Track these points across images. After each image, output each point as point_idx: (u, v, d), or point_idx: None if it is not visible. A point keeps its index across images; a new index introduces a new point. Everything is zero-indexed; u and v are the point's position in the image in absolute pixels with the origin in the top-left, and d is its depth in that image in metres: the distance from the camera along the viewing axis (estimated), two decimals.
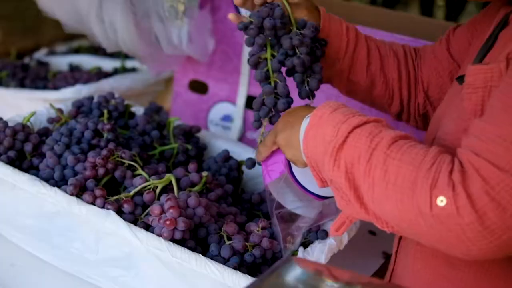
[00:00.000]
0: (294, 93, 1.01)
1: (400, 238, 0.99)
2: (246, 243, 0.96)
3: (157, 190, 1.02)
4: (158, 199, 1.01)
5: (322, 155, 0.83)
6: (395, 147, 0.77)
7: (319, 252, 0.99)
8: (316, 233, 1.03)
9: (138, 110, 1.36)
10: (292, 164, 0.96)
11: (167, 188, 1.04)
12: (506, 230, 0.69)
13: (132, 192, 1.01)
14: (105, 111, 1.21)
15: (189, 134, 1.30)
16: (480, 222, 0.69)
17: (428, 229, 0.73)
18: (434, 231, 0.72)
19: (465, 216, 0.69)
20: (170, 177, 1.03)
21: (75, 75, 1.76)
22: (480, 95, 0.79)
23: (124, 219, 0.96)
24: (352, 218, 0.87)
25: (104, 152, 1.05)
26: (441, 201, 0.70)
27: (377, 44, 1.10)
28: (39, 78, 1.79)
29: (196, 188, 1.07)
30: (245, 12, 1.49)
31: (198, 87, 1.64)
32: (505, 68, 0.77)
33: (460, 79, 0.87)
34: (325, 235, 1.02)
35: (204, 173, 1.08)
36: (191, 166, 1.11)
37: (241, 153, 1.29)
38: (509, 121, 0.71)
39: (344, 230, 0.89)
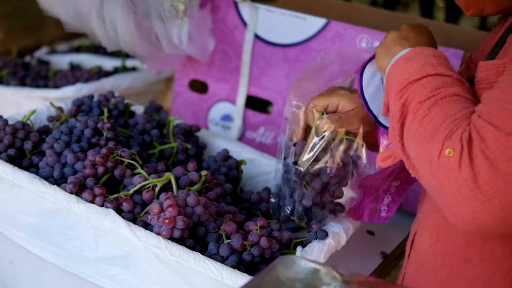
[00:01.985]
0: None
1: (413, 241, 0.99)
2: (245, 242, 0.96)
3: (156, 189, 1.02)
4: (157, 197, 1.01)
5: (397, 83, 0.85)
6: (448, 99, 0.79)
7: (318, 252, 0.99)
8: (316, 233, 1.03)
9: (138, 109, 1.36)
10: (364, 78, 0.99)
11: (166, 187, 1.04)
12: (497, 193, 0.70)
13: (131, 191, 1.01)
14: (105, 110, 1.21)
15: (189, 133, 1.30)
16: (474, 180, 0.71)
17: (432, 178, 0.76)
18: (436, 181, 0.75)
19: (463, 172, 0.72)
20: (169, 176, 1.04)
21: (75, 74, 1.76)
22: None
23: (123, 218, 0.96)
24: (397, 155, 0.89)
25: (104, 150, 1.05)
26: (449, 152, 0.74)
27: None
28: (39, 77, 1.79)
29: (195, 187, 1.07)
30: (249, 18, 1.49)
31: (198, 86, 1.65)
32: None
33: (469, 82, 0.88)
34: (325, 235, 1.02)
35: (203, 172, 1.08)
36: (191, 165, 1.12)
37: (241, 152, 1.30)
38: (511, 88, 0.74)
39: (389, 163, 0.93)
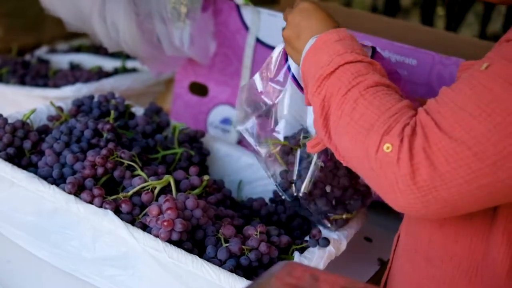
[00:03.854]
0: None
1: (395, 247, 0.99)
2: (243, 246, 0.96)
3: (156, 191, 1.02)
4: (156, 200, 1.01)
5: (312, 77, 0.88)
6: (372, 90, 0.80)
7: (318, 259, 0.99)
8: (318, 240, 1.03)
9: (138, 110, 1.36)
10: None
11: (166, 190, 1.04)
12: (433, 190, 0.72)
13: (130, 192, 1.01)
14: (112, 111, 1.21)
15: (194, 139, 1.29)
16: (411, 176, 0.72)
17: (369, 171, 0.77)
18: (373, 174, 0.76)
19: (401, 168, 0.72)
20: (168, 178, 1.03)
21: (75, 74, 1.76)
22: None
23: (122, 219, 0.96)
24: (324, 142, 0.91)
25: (104, 151, 1.05)
26: (387, 147, 0.74)
27: None
28: (39, 76, 1.79)
29: (196, 191, 1.06)
30: (251, 22, 1.50)
31: (199, 89, 1.65)
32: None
33: None
34: (327, 243, 1.02)
35: (205, 177, 1.08)
36: (193, 169, 1.11)
37: (241, 156, 1.30)
38: (467, 91, 0.73)
39: (319, 149, 0.95)
